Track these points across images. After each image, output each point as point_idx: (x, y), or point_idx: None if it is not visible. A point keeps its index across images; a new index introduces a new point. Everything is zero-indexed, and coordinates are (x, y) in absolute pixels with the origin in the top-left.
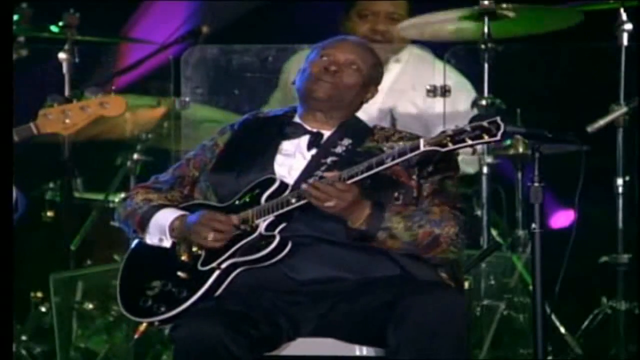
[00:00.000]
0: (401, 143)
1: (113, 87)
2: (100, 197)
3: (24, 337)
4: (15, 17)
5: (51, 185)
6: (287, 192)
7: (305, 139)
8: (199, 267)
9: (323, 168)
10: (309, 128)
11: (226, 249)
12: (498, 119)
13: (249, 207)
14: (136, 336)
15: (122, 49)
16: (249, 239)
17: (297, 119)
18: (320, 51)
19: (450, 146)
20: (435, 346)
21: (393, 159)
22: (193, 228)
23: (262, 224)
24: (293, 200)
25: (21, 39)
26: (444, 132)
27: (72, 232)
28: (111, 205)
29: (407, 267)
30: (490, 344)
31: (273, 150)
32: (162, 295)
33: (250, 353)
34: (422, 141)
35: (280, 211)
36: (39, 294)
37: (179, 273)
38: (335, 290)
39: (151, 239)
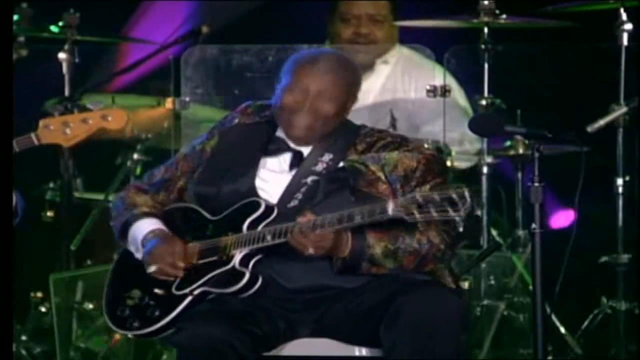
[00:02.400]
0: (383, 153)
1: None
2: (100, 197)
3: (24, 337)
4: (15, 17)
5: (51, 185)
6: (273, 216)
7: (288, 157)
8: (173, 291)
9: (303, 189)
10: (291, 145)
11: (200, 276)
12: (466, 192)
13: (230, 229)
14: (111, 344)
15: (122, 49)
16: (222, 269)
17: (280, 133)
18: (294, 75)
19: (416, 215)
20: (430, 345)
21: (362, 218)
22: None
23: (238, 256)
24: (268, 238)
25: (21, 39)
26: (413, 197)
27: (72, 232)
28: (111, 205)
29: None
30: (490, 344)
31: (256, 165)
32: (138, 308)
33: (253, 352)
34: (390, 204)
35: (255, 246)
36: (39, 294)
37: (156, 290)
38: (330, 296)
39: (129, 247)
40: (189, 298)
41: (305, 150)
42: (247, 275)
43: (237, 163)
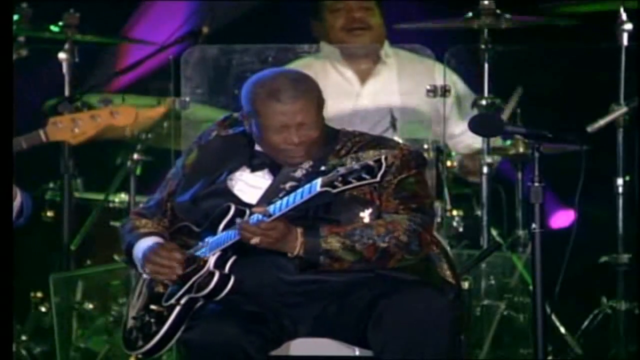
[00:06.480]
0: (361, 153)
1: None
2: (100, 197)
3: (24, 337)
4: (15, 17)
5: (51, 185)
6: (245, 217)
7: (272, 169)
8: (163, 303)
9: (281, 194)
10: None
11: (182, 284)
12: (382, 158)
13: (210, 235)
14: None
15: (122, 49)
16: (198, 275)
17: (260, 148)
18: (266, 109)
19: (340, 187)
20: (419, 344)
21: (300, 198)
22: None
23: (212, 258)
24: (232, 235)
25: (21, 39)
26: (337, 171)
27: (72, 232)
28: (111, 205)
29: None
30: (490, 344)
31: (234, 172)
32: (141, 327)
33: (263, 353)
34: (319, 181)
35: (222, 246)
36: (39, 294)
37: (151, 306)
38: (326, 291)
39: (138, 269)
40: (178, 308)
41: None
42: (216, 277)
43: (213, 172)
